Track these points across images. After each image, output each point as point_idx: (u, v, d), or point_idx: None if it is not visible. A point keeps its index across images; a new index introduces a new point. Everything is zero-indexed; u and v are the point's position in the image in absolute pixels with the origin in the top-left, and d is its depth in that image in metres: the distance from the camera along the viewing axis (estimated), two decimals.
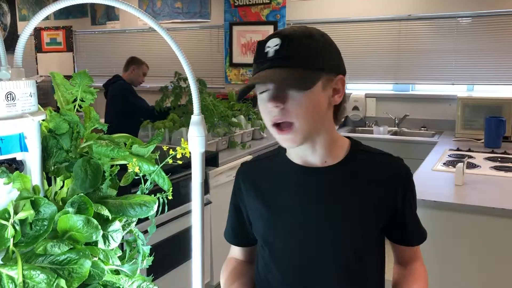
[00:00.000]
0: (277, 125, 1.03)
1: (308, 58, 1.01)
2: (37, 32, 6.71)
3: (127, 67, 4.49)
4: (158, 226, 0.93)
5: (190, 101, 3.66)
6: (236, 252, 1.32)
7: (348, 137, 1.19)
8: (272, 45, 1.01)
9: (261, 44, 1.04)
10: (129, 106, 4.21)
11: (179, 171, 2.66)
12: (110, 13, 6.25)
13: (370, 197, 1.10)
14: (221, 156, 3.21)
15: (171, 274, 2.63)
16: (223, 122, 3.56)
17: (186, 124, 3.32)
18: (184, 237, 2.68)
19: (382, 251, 1.19)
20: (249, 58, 5.33)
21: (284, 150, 1.18)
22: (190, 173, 0.83)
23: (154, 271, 1.19)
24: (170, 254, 2.60)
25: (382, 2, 4.59)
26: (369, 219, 1.11)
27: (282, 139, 1.05)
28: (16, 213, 0.72)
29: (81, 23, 6.51)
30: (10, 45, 0.86)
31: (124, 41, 6.22)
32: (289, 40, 1.01)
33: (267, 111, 1.03)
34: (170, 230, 2.60)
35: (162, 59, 5.67)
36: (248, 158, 3.51)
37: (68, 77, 0.86)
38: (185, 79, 3.82)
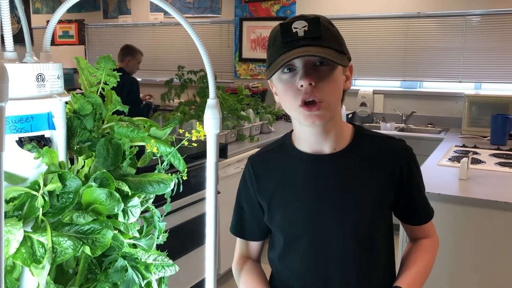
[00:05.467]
0: (305, 105, 1.05)
1: (335, 40, 1.07)
2: None
3: (123, 58, 4.49)
4: (167, 213, 0.99)
5: (199, 94, 3.73)
6: (243, 249, 1.33)
7: (350, 123, 1.23)
8: (300, 26, 1.04)
9: (286, 25, 1.06)
10: (134, 104, 4.28)
11: (189, 161, 2.72)
12: (122, 7, 6.32)
13: (377, 179, 1.15)
14: (230, 149, 3.27)
15: (180, 261, 2.69)
16: (232, 115, 3.62)
17: (196, 116, 3.38)
18: (191, 226, 2.74)
19: (391, 233, 1.23)
20: (259, 54, 5.38)
21: (290, 140, 1.22)
22: (200, 163, 0.88)
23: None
24: (179, 241, 2.67)
25: (391, 0, 4.62)
26: (379, 200, 1.15)
27: (313, 115, 1.05)
28: (45, 185, 0.78)
29: (93, 17, 6.59)
30: (23, 38, 0.91)
31: (136, 35, 6.29)
32: (316, 23, 1.05)
33: (295, 90, 1.05)
34: (177, 219, 2.66)
35: (172, 53, 5.75)
36: (255, 151, 3.56)
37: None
38: (195, 72, 3.88)
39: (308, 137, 1.16)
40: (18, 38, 0.84)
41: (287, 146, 1.22)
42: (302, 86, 1.04)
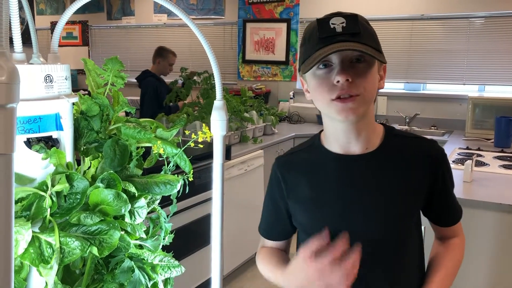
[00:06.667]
0: (339, 99, 1.03)
1: (372, 38, 1.06)
2: (54, 26, 6.82)
3: (154, 60, 4.56)
4: (172, 214, 0.99)
5: (203, 95, 3.74)
6: (269, 244, 1.32)
7: (380, 123, 1.21)
8: (338, 22, 1.04)
9: (323, 21, 1.05)
10: (149, 106, 4.34)
11: (193, 162, 2.72)
12: (125, 9, 6.33)
13: (409, 181, 1.13)
14: (233, 150, 3.27)
15: (184, 261, 2.70)
16: (235, 117, 3.62)
17: (200, 117, 3.39)
18: (195, 227, 2.75)
19: (420, 234, 1.22)
20: (262, 55, 5.38)
21: (319, 141, 1.19)
22: (204, 164, 0.88)
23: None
24: (184, 242, 2.67)
25: (396, 2, 4.62)
26: (410, 202, 1.14)
27: (347, 108, 1.03)
28: (53, 186, 0.78)
29: (97, 18, 6.61)
30: (28, 38, 0.92)
31: (139, 36, 6.30)
32: (354, 20, 1.05)
33: (330, 85, 1.03)
34: (182, 220, 2.67)
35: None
36: (259, 152, 3.56)
37: (83, 71, 0.92)
38: (199, 74, 3.89)
39: (339, 134, 1.13)
40: (22, 39, 0.85)
41: (316, 146, 1.20)
42: (338, 81, 1.02)
